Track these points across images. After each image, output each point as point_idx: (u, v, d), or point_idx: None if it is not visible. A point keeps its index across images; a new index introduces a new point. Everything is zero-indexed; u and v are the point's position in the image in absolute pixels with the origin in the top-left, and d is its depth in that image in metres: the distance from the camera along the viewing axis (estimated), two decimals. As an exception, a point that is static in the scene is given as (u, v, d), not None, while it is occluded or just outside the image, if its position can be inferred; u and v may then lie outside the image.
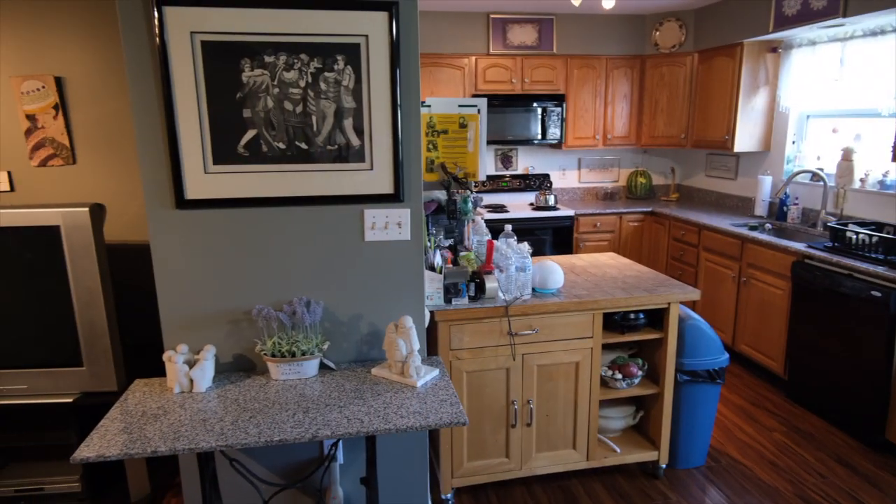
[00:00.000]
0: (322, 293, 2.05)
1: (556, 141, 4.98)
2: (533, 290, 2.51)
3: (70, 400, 2.36)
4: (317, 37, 1.84)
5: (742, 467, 2.84)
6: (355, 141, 1.94)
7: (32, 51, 2.65)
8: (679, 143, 5.02)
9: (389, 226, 2.02)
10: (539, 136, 4.93)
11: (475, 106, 2.39)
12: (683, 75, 4.90)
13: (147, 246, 2.88)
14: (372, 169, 1.97)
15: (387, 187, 1.99)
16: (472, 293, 2.36)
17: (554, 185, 5.49)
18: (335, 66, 1.87)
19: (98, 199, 2.82)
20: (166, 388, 1.89)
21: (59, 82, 2.69)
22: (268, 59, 1.83)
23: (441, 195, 2.53)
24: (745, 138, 4.44)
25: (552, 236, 4.83)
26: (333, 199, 1.97)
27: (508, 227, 2.60)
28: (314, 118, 1.90)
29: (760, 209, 4.42)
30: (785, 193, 4.19)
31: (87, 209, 2.21)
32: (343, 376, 1.97)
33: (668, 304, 2.53)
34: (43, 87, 2.67)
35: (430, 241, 2.37)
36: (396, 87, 1.90)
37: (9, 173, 2.74)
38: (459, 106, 2.38)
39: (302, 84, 1.86)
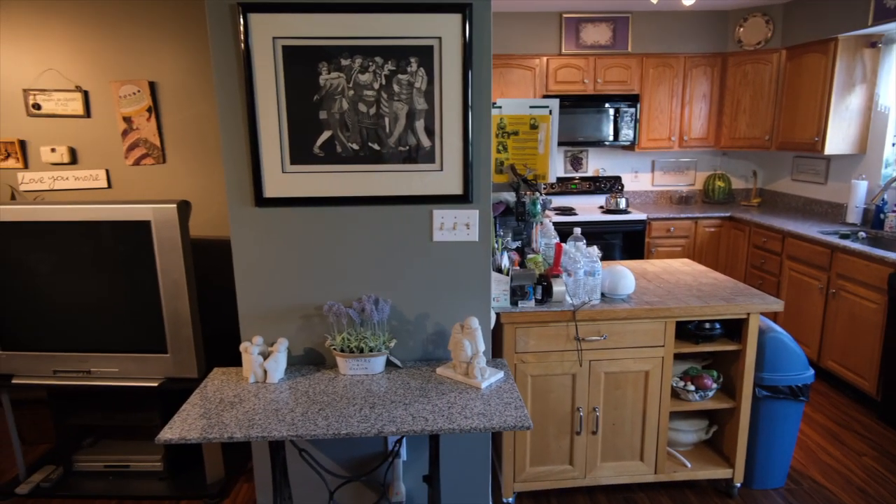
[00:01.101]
0: (390, 291, 2.08)
1: (628, 142, 4.84)
2: (602, 295, 2.45)
3: (155, 384, 2.51)
4: (391, 39, 1.88)
5: (826, 492, 2.65)
6: (426, 142, 1.96)
7: (129, 58, 2.85)
8: (763, 144, 4.76)
9: (458, 226, 2.03)
10: (611, 138, 4.81)
11: (546, 107, 2.36)
12: (769, 73, 4.64)
13: (226, 241, 3.04)
14: (442, 170, 1.98)
15: (456, 188, 1.99)
16: (538, 296, 2.33)
17: (625, 188, 5.34)
18: (408, 69, 1.90)
19: (184, 197, 2.99)
20: (242, 378, 1.98)
21: (152, 87, 2.88)
22: (344, 62, 1.88)
23: (510, 197, 2.51)
24: (838, 140, 4.15)
25: (622, 241, 4.70)
26: (403, 199, 2.00)
27: (577, 231, 2.55)
28: (387, 119, 1.93)
29: (853, 216, 4.12)
30: (882, 199, 3.88)
31: (175, 206, 2.35)
32: (409, 374, 2.00)
33: (748, 314, 2.40)
34: (138, 91, 2.87)
35: (497, 242, 2.37)
36: (468, 89, 1.91)
37: (107, 171, 2.96)
38: (530, 107, 2.36)
39: (376, 86, 1.90)
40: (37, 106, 2.85)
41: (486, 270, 2.09)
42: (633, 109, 4.77)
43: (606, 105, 4.74)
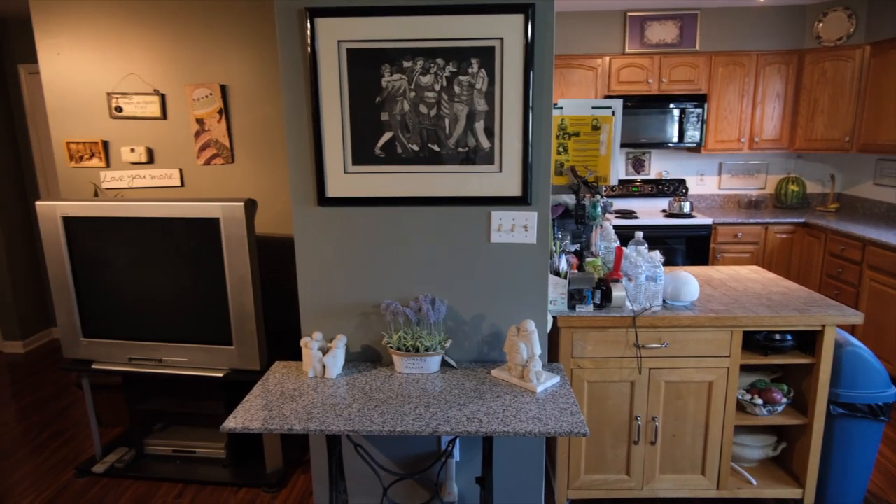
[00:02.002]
0: (447, 292, 2.09)
1: (694, 144, 4.67)
2: (664, 301, 2.38)
3: (221, 375, 2.62)
4: (453, 41, 1.88)
5: (908, 520, 2.47)
6: (485, 143, 1.95)
7: (203, 62, 2.99)
8: (842, 146, 4.48)
9: (516, 228, 2.01)
10: (675, 139, 4.65)
11: (609, 108, 2.31)
12: (851, 71, 4.36)
13: (288, 239, 3.14)
14: (501, 171, 1.97)
15: (515, 190, 1.98)
16: (597, 301, 2.28)
17: (690, 192, 5.15)
18: (469, 70, 1.90)
19: (250, 195, 3.11)
20: (302, 372, 2.04)
21: (223, 90, 3.00)
22: (406, 63, 1.90)
23: (569, 199, 2.47)
24: (928, 142, 3.86)
25: (686, 246, 4.54)
26: (461, 200, 2.01)
27: (639, 234, 2.48)
28: (447, 121, 1.94)
29: (944, 224, 3.82)
30: (978, 206, 3.57)
31: (242, 204, 2.44)
32: (463, 375, 2.00)
33: (822, 326, 2.27)
34: (210, 94, 3.00)
35: (555, 245, 2.33)
36: (529, 90, 1.89)
37: (180, 170, 3.11)
38: (593, 108, 2.31)
39: (437, 88, 1.92)
40: (119, 108, 3.03)
41: (543, 273, 2.06)
42: (699, 110, 4.60)
43: (671, 105, 4.59)
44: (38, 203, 2.62)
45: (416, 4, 1.86)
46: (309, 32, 1.89)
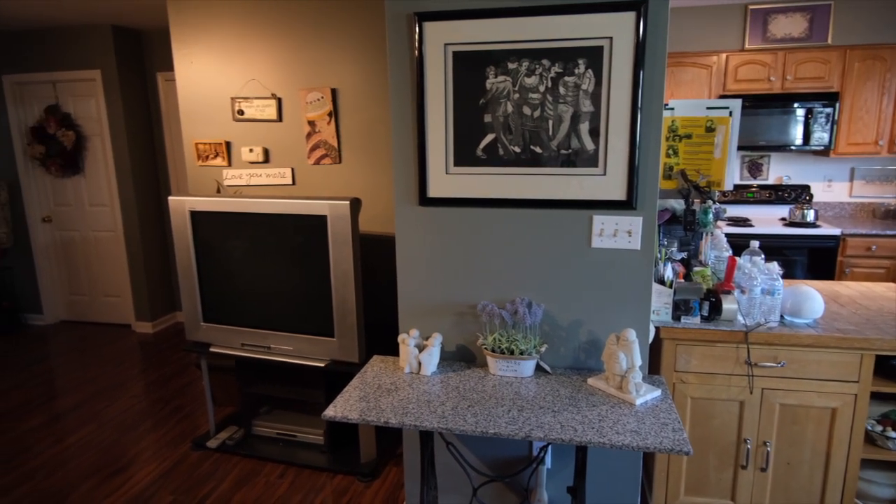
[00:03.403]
0: (543, 296, 2.06)
1: (821, 147, 4.27)
2: (781, 317, 2.19)
3: (322, 365, 2.75)
4: (559, 41, 1.85)
5: None
6: (590, 145, 1.90)
7: (316, 67, 3.15)
8: None
9: (619, 233, 1.94)
10: (799, 142, 4.28)
11: (726, 108, 2.17)
12: None
13: (389, 237, 3.23)
14: (605, 174, 1.91)
15: (619, 193, 1.91)
16: (704, 313, 2.15)
17: (814, 199, 4.72)
18: (576, 70, 1.86)
19: (355, 195, 3.24)
20: (398, 367, 2.09)
21: (333, 93, 3.15)
22: (511, 65, 1.90)
23: (677, 204, 2.35)
24: None
25: (808, 258, 4.16)
26: (561, 203, 1.97)
27: (755, 244, 2.31)
28: (550, 122, 1.91)
29: None
30: None
31: (348, 202, 2.55)
32: (558, 381, 1.96)
33: (976, 355, 2.00)
34: (322, 97, 3.16)
35: (660, 252, 2.23)
36: (638, 90, 1.82)
37: (292, 170, 3.30)
38: (707, 108, 2.18)
39: (541, 89, 1.89)
40: (241, 112, 3.27)
41: (646, 281, 1.98)
42: (829, 109, 4.20)
43: (795, 105, 4.23)
44: (170, 198, 2.89)
45: (524, 5, 1.85)
46: (417, 36, 1.93)
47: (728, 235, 3.83)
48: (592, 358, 2.07)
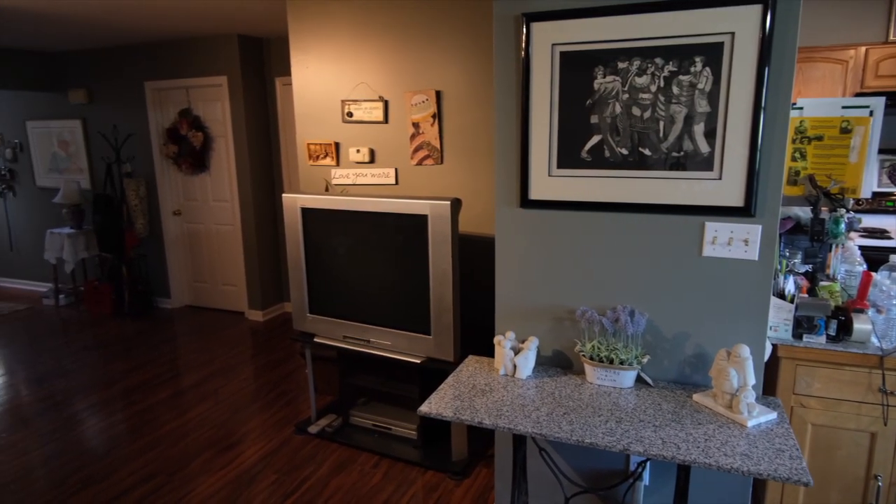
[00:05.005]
0: (647, 304, 1.97)
1: (981, 151, 3.75)
2: (925, 342, 1.95)
3: (418, 361, 2.81)
4: (674, 39, 1.76)
5: None
6: (704, 148, 1.80)
7: (422, 70, 3.23)
8: None
9: (733, 242, 1.82)
10: (953, 145, 3.78)
11: (866, 107, 1.96)
12: None
13: (486, 239, 3.24)
14: (720, 178, 1.79)
15: (736, 199, 1.79)
16: (831, 332, 1.96)
17: (969, 210, 4.15)
18: (692, 69, 1.76)
19: (454, 195, 3.28)
20: (493, 368, 2.09)
21: (438, 95, 3.21)
22: (621, 65, 1.83)
23: (802, 212, 2.16)
24: None
25: (959, 276, 3.66)
26: (669, 209, 1.87)
27: (895, 258, 2.07)
28: (661, 124, 1.83)
29: None
30: None
31: (449, 203, 2.58)
32: (660, 395, 1.87)
33: None
34: (426, 99, 3.23)
35: (781, 264, 2.06)
36: (762, 89, 1.69)
37: (395, 170, 3.40)
38: (843, 107, 1.98)
39: (653, 89, 1.81)
40: (349, 114, 3.42)
41: (764, 294, 1.83)
42: None
43: (950, 103, 3.74)
44: (284, 195, 3.07)
45: (637, 2, 1.78)
46: (524, 37, 1.92)
47: (862, 248, 3.47)
48: (699, 373, 1.95)
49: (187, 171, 5.38)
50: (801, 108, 2.04)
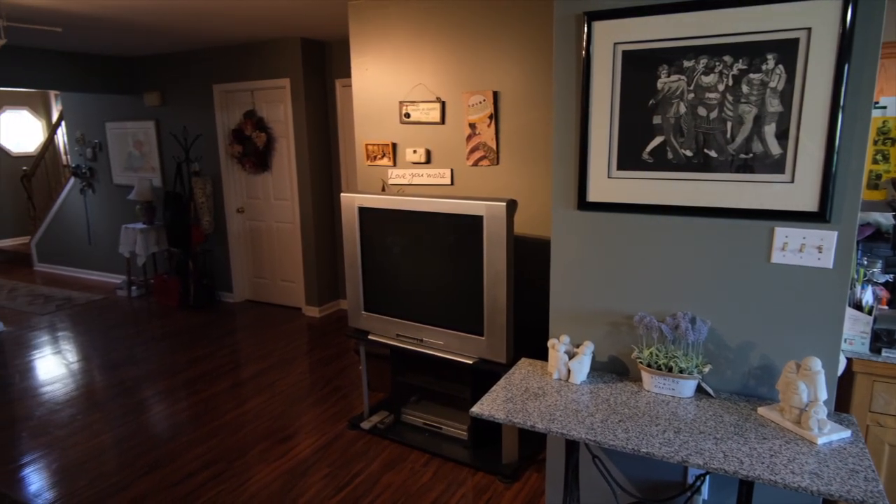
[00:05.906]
0: (709, 312, 1.90)
1: None
2: None
3: (470, 362, 2.81)
4: (745, 36, 1.69)
5: None
6: (775, 149, 1.71)
7: (480, 71, 3.22)
8: None
9: (805, 248, 1.73)
10: None
11: (958, 106, 1.82)
12: None
13: (541, 240, 3.20)
14: (792, 181, 1.71)
15: (809, 204, 1.70)
16: (914, 347, 1.83)
17: None
18: (763, 67, 1.68)
19: (510, 197, 3.26)
20: (546, 372, 2.06)
21: (495, 96, 3.20)
22: (686, 63, 1.77)
23: (883, 219, 2.03)
24: None
25: None
26: (736, 213, 1.80)
27: None
28: (729, 124, 1.76)
29: None
30: None
31: (504, 204, 2.57)
32: (722, 406, 1.79)
33: None
34: (483, 100, 3.22)
35: (858, 273, 1.94)
36: (841, 87, 1.60)
37: (451, 170, 3.41)
38: (932, 106, 1.85)
39: (720, 88, 1.74)
40: (407, 115, 3.46)
41: (839, 305, 1.73)
42: None
43: None
44: (342, 195, 3.14)
45: (704, -2, 1.71)
46: (585, 36, 1.89)
47: (948, 258, 3.23)
48: (764, 385, 1.86)
49: (250, 170, 5.57)
50: (884, 108, 1.91)
